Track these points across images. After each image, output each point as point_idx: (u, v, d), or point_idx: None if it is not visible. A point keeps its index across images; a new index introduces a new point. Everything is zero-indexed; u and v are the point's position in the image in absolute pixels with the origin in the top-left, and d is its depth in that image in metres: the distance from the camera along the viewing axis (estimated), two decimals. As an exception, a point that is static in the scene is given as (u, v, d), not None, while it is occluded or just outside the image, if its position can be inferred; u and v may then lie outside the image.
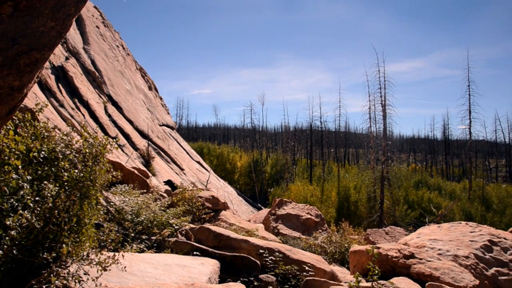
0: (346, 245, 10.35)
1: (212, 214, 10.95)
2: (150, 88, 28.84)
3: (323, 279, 5.42)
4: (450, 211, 25.91)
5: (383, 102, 28.91)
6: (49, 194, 3.16)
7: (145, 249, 5.93)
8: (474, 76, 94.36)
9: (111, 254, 3.66)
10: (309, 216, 14.09)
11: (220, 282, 5.10)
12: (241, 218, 14.21)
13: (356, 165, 49.73)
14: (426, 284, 5.48)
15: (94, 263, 3.44)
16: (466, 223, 8.80)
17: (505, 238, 7.77)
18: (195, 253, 5.80)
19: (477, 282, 5.83)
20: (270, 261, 5.97)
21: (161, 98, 31.47)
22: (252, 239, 6.62)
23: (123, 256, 3.83)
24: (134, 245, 5.81)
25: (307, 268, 5.92)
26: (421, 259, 6.27)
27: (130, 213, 6.79)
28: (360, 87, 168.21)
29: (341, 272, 7.77)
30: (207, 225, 7.29)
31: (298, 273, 5.82)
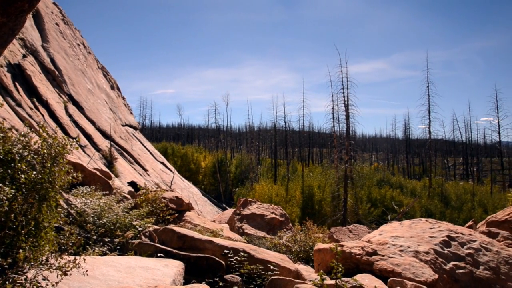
0: (310, 243, 10.43)
1: (176, 215, 10.84)
2: (112, 88, 28.30)
3: (288, 278, 5.45)
4: (411, 209, 26.58)
5: (346, 102, 29.39)
6: (4, 198, 3.04)
7: (107, 252, 5.81)
8: (433, 77, 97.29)
9: (72, 258, 3.57)
10: (273, 215, 14.15)
11: (185, 284, 5.05)
12: (206, 218, 14.13)
13: (320, 165, 50.31)
14: (388, 279, 5.59)
15: (54, 267, 3.34)
16: (426, 220, 9.03)
17: (462, 233, 8.03)
18: (159, 254, 5.72)
19: (436, 276, 5.99)
20: (235, 261, 5.96)
21: (123, 98, 30.93)
22: (217, 240, 6.59)
23: (84, 259, 3.74)
24: (96, 248, 5.68)
25: (272, 267, 5.94)
26: (383, 255, 6.39)
27: (92, 215, 6.63)
28: (323, 88, 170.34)
29: (305, 270, 7.83)
30: (171, 226, 7.20)
31: (263, 272, 5.83)
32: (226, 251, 6.15)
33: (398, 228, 8.51)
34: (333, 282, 4.78)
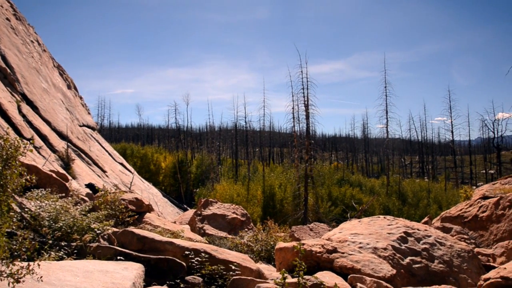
0: (272, 242, 10.49)
1: (136, 216, 10.65)
2: (69, 87, 27.50)
3: (249, 278, 5.45)
4: (370, 206, 27.15)
5: (306, 102, 29.64)
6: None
7: (64, 256, 5.63)
8: (390, 78, 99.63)
9: (25, 264, 3.44)
10: (235, 215, 14.14)
11: (145, 286, 4.97)
12: (166, 219, 13.96)
13: (281, 164, 50.67)
14: (349, 276, 5.69)
15: (5, 275, 3.21)
16: (384, 217, 9.26)
17: (418, 229, 8.27)
18: (118, 257, 5.61)
19: (394, 271, 6.15)
20: (196, 262, 5.91)
21: (81, 98, 30.13)
22: (178, 241, 6.52)
23: (39, 265, 3.62)
24: (52, 253, 5.49)
25: (233, 267, 5.93)
26: (343, 253, 6.50)
27: (48, 219, 6.41)
28: (284, 88, 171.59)
29: (267, 269, 7.86)
30: (131, 228, 7.07)
31: (224, 272, 5.82)
32: (187, 252, 6.10)
33: (357, 226, 8.67)
34: (295, 280, 4.82)
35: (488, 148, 67.08)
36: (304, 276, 4.87)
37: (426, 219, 14.36)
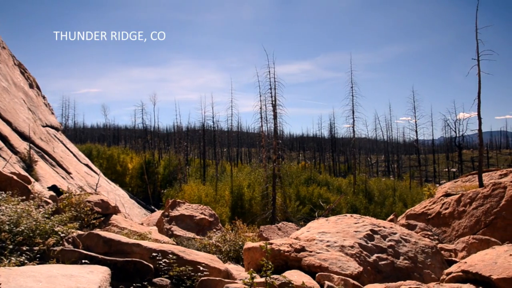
0: (240, 243, 10.49)
1: (102, 219, 10.46)
2: (31, 86, 26.71)
3: (218, 278, 5.43)
4: (337, 205, 27.50)
5: (273, 102, 29.76)
6: None
7: (26, 261, 5.46)
8: (357, 78, 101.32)
9: (-16, 269, 3.32)
10: (203, 216, 14.07)
11: (111, 290, 4.89)
12: (133, 221, 13.76)
13: (249, 164, 50.76)
14: (316, 274, 5.74)
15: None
16: (351, 215, 9.39)
17: (384, 227, 8.43)
18: (83, 261, 5.48)
19: (361, 268, 6.24)
20: (163, 264, 5.84)
21: (44, 97, 29.32)
22: (145, 243, 6.43)
23: (-1, 270, 3.50)
24: (13, 258, 5.31)
25: (201, 268, 5.89)
26: (311, 251, 6.56)
27: (8, 223, 6.20)
28: (251, 88, 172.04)
29: (236, 269, 7.86)
30: (96, 231, 6.93)
31: (192, 274, 5.77)
32: (154, 254, 6.02)
33: (324, 224, 8.77)
34: (263, 280, 4.83)
35: (450, 147, 69.04)
36: (272, 275, 4.88)
37: (391, 216, 14.64)
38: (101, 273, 4.87)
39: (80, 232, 7.20)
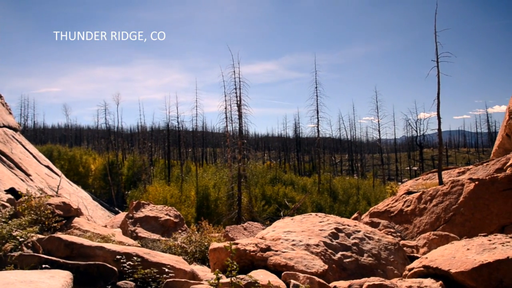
0: (206, 243, 10.43)
1: (64, 222, 10.21)
2: (-14, 86, 25.77)
3: (183, 280, 5.39)
4: (303, 204, 27.75)
5: (238, 102, 29.79)
6: None
7: (-19, 268, 5.26)
8: (321, 79, 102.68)
9: None
10: (168, 217, 13.92)
11: (74, 294, 4.77)
12: (96, 224, 13.48)
13: (214, 164, 50.55)
14: (282, 273, 5.76)
15: None
16: (316, 214, 9.49)
17: (348, 225, 8.56)
18: (44, 266, 5.32)
19: (326, 266, 6.31)
20: (128, 267, 5.75)
21: (1, 96, 28.36)
22: (108, 245, 6.31)
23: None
24: (-32, 265, 5.12)
25: (166, 270, 5.84)
26: (276, 251, 6.58)
27: (-38, 228, 5.98)
28: (216, 87, 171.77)
29: (202, 270, 7.81)
30: (58, 234, 6.75)
31: (158, 276, 5.71)
32: (118, 257, 5.92)
33: (290, 224, 8.83)
34: (228, 280, 4.82)
35: (411, 146, 70.79)
36: (238, 275, 4.88)
37: (356, 215, 14.90)
38: (63, 277, 4.75)
39: (40, 236, 7.00)
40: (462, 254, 5.57)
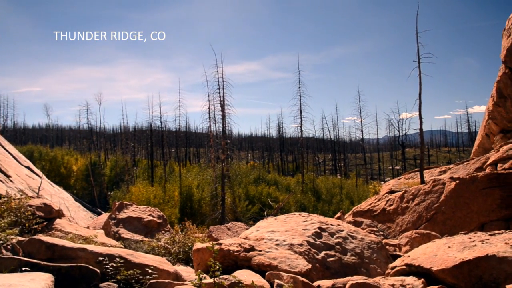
0: (189, 244, 10.39)
1: (45, 223, 10.09)
2: (-35, 86, 25.31)
3: (167, 281, 5.36)
4: (286, 204, 27.81)
5: (222, 102, 29.72)
6: None
7: (-42, 272, 5.16)
8: (304, 79, 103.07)
9: None
10: (151, 218, 13.84)
11: (55, 297, 4.70)
12: (78, 225, 13.34)
13: (198, 164, 50.38)
14: (266, 273, 5.77)
15: None
16: (300, 214, 9.53)
17: (332, 224, 8.61)
18: (24, 268, 5.24)
19: (310, 266, 6.33)
20: (110, 268, 5.69)
21: (-21, 97, 27.85)
22: (91, 247, 6.24)
23: None
24: None
25: (150, 271, 5.79)
26: (260, 250, 6.59)
27: None
28: (200, 87, 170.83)
29: (185, 271, 7.77)
30: (38, 236, 6.65)
31: (141, 277, 5.66)
32: (100, 258, 5.86)
33: (273, 223, 8.85)
34: (212, 280, 4.81)
35: (394, 145, 71.67)
36: (222, 276, 4.87)
37: (339, 214, 14.99)
38: (44, 280, 4.68)
39: (20, 238, 6.89)
40: (444, 252, 5.65)
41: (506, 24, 13.62)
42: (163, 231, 13.22)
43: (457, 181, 11.32)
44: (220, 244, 6.68)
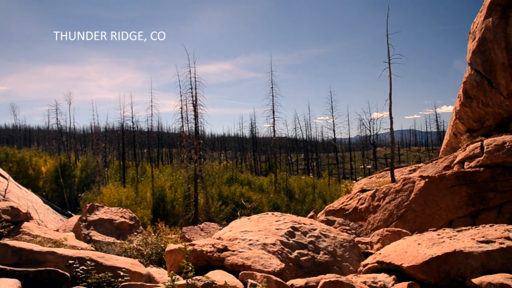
0: (162, 245, 10.29)
1: (12, 227, 9.81)
2: None
3: (139, 283, 5.28)
4: (259, 204, 27.86)
5: (194, 102, 29.56)
6: None
7: None
8: (277, 79, 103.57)
9: None
10: (123, 219, 13.65)
11: (23, 303, 4.57)
12: (48, 228, 13.04)
13: (170, 165, 49.93)
14: (240, 273, 5.75)
15: None
16: (273, 213, 9.55)
17: (304, 224, 8.66)
18: (-11, 274, 5.08)
19: (283, 265, 6.34)
20: (81, 271, 5.57)
21: None
22: (60, 250, 6.10)
23: None
24: None
25: (122, 273, 5.70)
26: (233, 251, 6.56)
27: None
28: (172, 87, 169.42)
29: (158, 273, 7.68)
30: (4, 241, 6.46)
31: (113, 280, 5.57)
32: (71, 262, 5.73)
33: (247, 223, 8.84)
34: (184, 282, 4.76)
35: (365, 145, 72.65)
36: (195, 277, 4.83)
37: (312, 213, 15.09)
38: (9, 286, 4.55)
39: (-14, 242, 6.68)
40: (414, 248, 5.75)
41: (471, 27, 13.94)
42: (135, 233, 13.06)
43: (427, 180, 11.54)
44: (193, 245, 6.63)
